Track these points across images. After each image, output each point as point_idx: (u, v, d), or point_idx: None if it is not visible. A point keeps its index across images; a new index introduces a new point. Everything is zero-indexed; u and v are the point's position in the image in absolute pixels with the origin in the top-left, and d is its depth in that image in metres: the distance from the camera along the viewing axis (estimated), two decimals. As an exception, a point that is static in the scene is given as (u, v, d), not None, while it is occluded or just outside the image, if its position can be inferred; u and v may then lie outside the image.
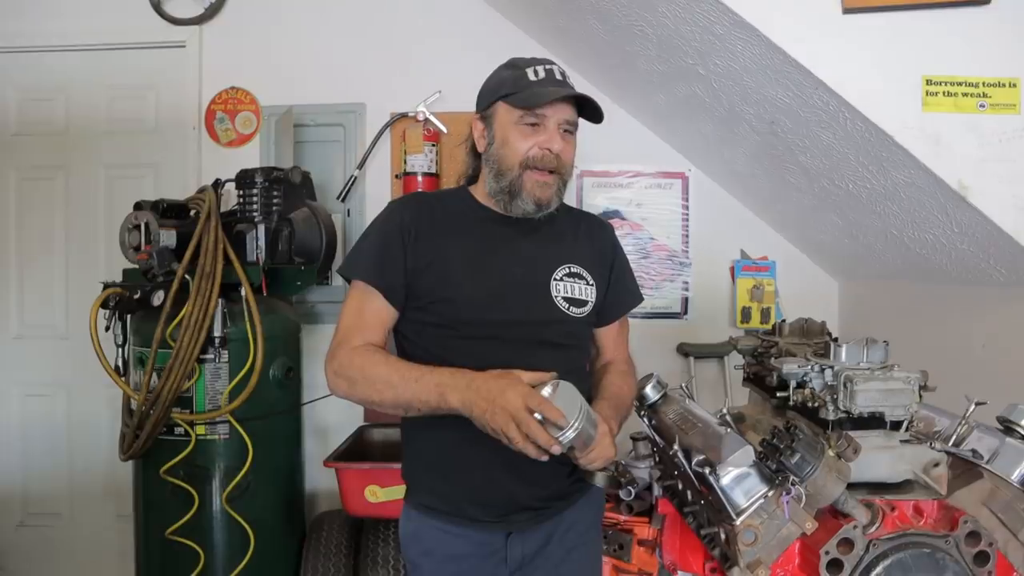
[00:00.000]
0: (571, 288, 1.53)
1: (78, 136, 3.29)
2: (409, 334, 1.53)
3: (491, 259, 1.51)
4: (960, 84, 1.80)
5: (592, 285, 1.56)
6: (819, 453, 1.30)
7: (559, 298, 1.51)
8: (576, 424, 1.25)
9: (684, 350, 3.05)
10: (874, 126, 1.86)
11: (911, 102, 1.82)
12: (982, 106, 1.79)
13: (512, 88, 1.49)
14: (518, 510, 1.50)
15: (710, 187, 3.15)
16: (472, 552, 1.51)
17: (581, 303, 1.54)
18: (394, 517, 1.66)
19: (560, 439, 1.25)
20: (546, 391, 1.27)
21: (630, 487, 2.49)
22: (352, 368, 1.42)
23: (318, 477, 2.97)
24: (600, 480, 1.38)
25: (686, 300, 3.15)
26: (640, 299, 1.71)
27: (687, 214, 3.15)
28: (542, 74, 1.48)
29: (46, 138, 3.30)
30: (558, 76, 1.50)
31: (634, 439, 2.66)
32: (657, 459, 1.95)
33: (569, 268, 1.55)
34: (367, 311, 1.49)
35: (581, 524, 1.59)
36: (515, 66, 1.52)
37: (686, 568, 1.95)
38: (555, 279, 1.52)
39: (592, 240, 1.64)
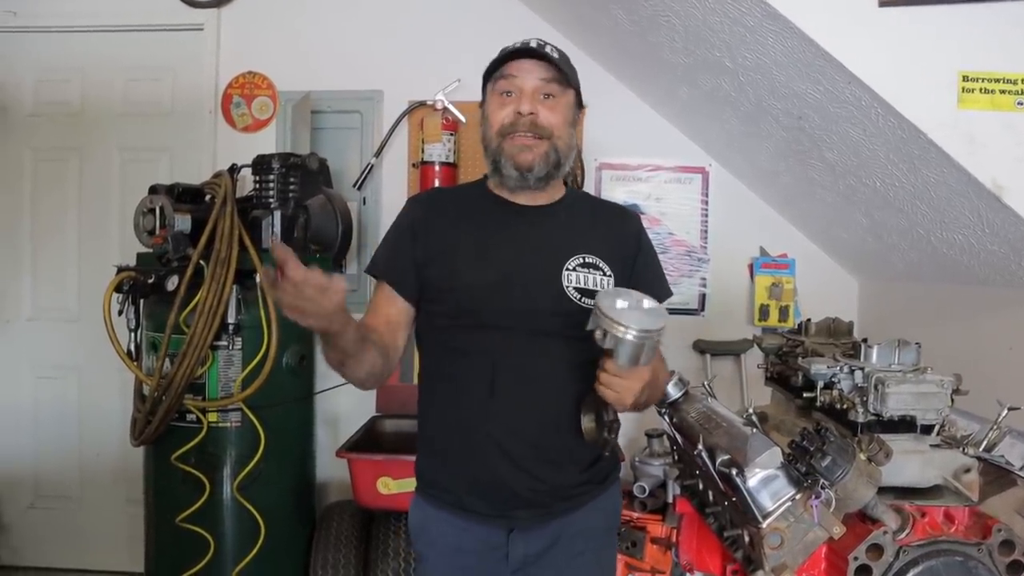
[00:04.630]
0: (584, 279, 1.45)
1: (94, 118, 3.26)
2: (425, 328, 1.53)
3: (497, 248, 1.48)
4: (998, 81, 1.75)
5: (610, 276, 1.48)
6: (850, 456, 1.27)
7: (571, 288, 1.44)
8: (636, 323, 1.22)
9: (700, 347, 3.01)
10: (907, 122, 1.82)
11: (946, 99, 1.78)
12: (1020, 104, 1.75)
13: (491, 66, 1.50)
14: (518, 505, 1.45)
15: (731, 183, 3.10)
16: (473, 547, 1.48)
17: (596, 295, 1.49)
18: (405, 509, 1.64)
19: (622, 323, 1.21)
20: (647, 304, 1.29)
21: (643, 484, 2.48)
22: None
23: (329, 467, 2.94)
24: (588, 424, 1.37)
25: (703, 296, 3.11)
26: (669, 294, 1.60)
27: (706, 209, 3.10)
28: (518, 44, 1.48)
29: (62, 119, 3.28)
30: (532, 44, 1.46)
31: (649, 436, 2.63)
32: (675, 457, 1.92)
33: (583, 258, 1.47)
34: (374, 303, 1.53)
35: (592, 531, 1.52)
36: (502, 48, 1.52)
37: (703, 568, 1.92)
38: (567, 269, 1.45)
39: (611, 229, 1.57)
